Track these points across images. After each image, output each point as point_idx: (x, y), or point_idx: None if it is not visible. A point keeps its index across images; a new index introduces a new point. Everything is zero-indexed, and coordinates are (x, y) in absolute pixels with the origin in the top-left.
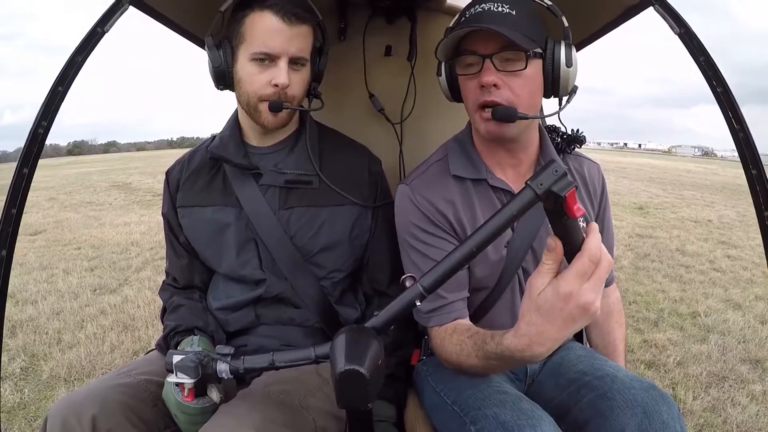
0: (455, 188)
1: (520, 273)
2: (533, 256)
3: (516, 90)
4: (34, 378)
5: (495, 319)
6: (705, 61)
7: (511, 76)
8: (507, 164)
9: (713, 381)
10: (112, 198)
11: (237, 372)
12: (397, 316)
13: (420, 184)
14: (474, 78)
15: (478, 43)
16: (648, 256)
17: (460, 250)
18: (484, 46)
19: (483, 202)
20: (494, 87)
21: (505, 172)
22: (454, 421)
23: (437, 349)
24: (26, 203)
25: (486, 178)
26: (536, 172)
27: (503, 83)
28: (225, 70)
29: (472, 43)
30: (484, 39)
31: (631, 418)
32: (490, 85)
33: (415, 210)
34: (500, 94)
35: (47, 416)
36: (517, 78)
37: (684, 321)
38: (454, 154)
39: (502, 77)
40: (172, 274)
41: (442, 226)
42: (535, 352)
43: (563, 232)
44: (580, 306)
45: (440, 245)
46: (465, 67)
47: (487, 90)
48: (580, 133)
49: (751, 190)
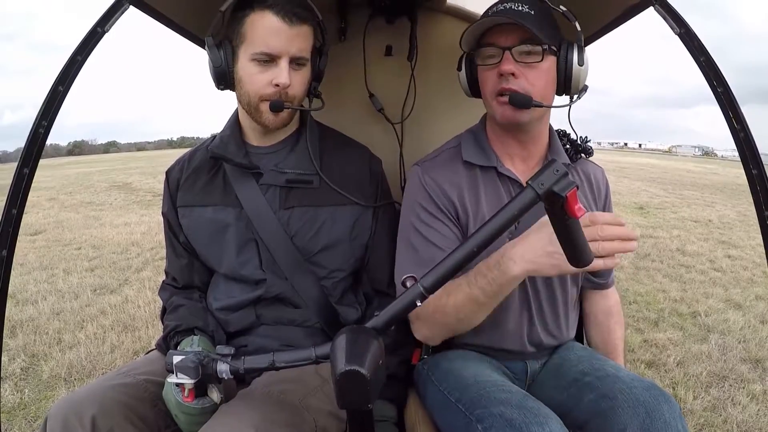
0: (463, 173)
1: None
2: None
3: (531, 80)
4: (35, 378)
5: (496, 315)
6: (705, 61)
7: (527, 67)
8: (517, 156)
9: (713, 381)
10: (113, 198)
11: (237, 372)
12: (398, 317)
13: (431, 165)
14: (493, 68)
15: (499, 36)
16: (648, 256)
17: (461, 250)
18: (505, 38)
19: (489, 189)
20: (512, 76)
21: (515, 163)
22: (459, 419)
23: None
24: (27, 203)
25: (495, 165)
26: (537, 171)
27: (520, 73)
28: (225, 69)
29: (493, 37)
30: (505, 33)
31: (633, 418)
32: (508, 73)
33: (422, 190)
34: (517, 82)
35: (47, 416)
36: (533, 70)
37: (684, 321)
38: (467, 142)
39: (519, 68)
40: (172, 274)
41: (445, 209)
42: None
43: (565, 232)
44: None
45: (441, 229)
46: (485, 59)
47: (505, 78)
48: (587, 143)
49: (752, 190)
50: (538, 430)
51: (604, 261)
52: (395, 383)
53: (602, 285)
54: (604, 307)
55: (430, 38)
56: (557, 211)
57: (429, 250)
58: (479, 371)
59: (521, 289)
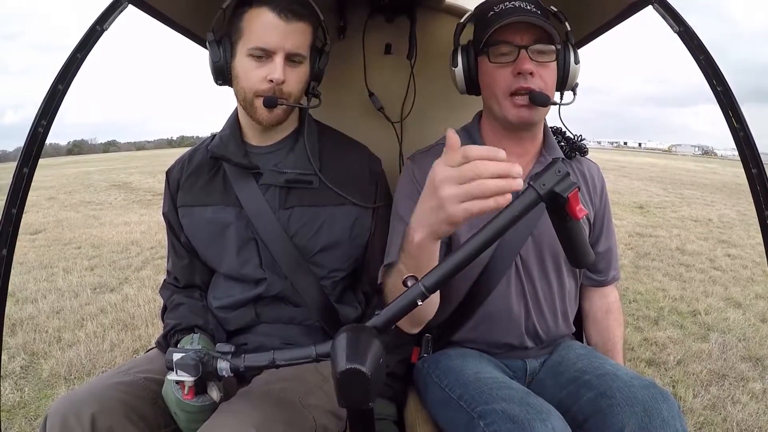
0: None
1: (518, 261)
2: (533, 244)
3: (545, 79)
4: (34, 377)
5: (492, 306)
6: (705, 60)
7: (541, 66)
8: (512, 153)
9: (713, 379)
10: (112, 197)
11: (237, 370)
12: (399, 316)
13: (422, 158)
14: (508, 66)
15: (514, 35)
16: (648, 255)
17: (462, 250)
18: (521, 37)
19: None
20: (530, 75)
21: (510, 160)
22: (460, 416)
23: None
24: (26, 202)
25: None
26: (539, 172)
27: (536, 72)
28: (224, 65)
29: (505, 35)
30: (520, 31)
31: (631, 416)
32: (527, 72)
33: (411, 182)
34: (534, 81)
35: (47, 415)
36: (546, 69)
37: (684, 319)
38: (461, 139)
39: (535, 67)
40: (174, 274)
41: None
42: (414, 235)
43: (565, 232)
44: (440, 197)
45: None
46: (498, 56)
47: (523, 77)
48: (581, 141)
49: (752, 189)
50: (540, 426)
51: (480, 204)
52: (395, 382)
53: (601, 282)
54: (603, 305)
55: (430, 37)
56: (559, 212)
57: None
58: (480, 368)
59: (519, 277)
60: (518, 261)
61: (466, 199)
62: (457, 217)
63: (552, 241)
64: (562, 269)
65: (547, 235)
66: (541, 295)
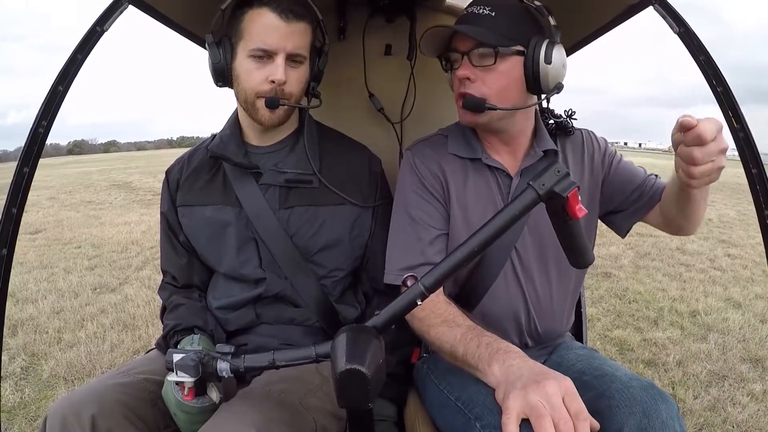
0: (451, 158)
1: (514, 255)
2: (530, 237)
3: (488, 83)
4: (35, 377)
5: (490, 305)
6: (705, 61)
7: (484, 70)
8: (502, 150)
9: (713, 380)
10: (113, 197)
11: (237, 371)
12: (399, 316)
13: (420, 147)
14: (455, 72)
15: (459, 42)
16: (648, 255)
17: (462, 250)
18: (462, 44)
19: (476, 177)
20: (468, 80)
21: (501, 156)
22: (458, 418)
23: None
24: (27, 202)
25: (481, 157)
26: (538, 172)
27: (477, 77)
28: (224, 66)
29: (456, 42)
30: (463, 38)
31: (630, 417)
32: (464, 78)
33: (412, 172)
34: (473, 86)
35: (47, 415)
36: (490, 73)
37: (684, 320)
38: (453, 135)
39: (476, 72)
40: (171, 273)
41: (432, 189)
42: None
43: (565, 232)
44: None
45: (429, 211)
46: (450, 64)
47: (462, 83)
48: (572, 116)
49: (752, 189)
50: None
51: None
52: (395, 382)
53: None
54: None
55: None
56: (558, 211)
57: (417, 231)
58: None
59: (515, 273)
60: (515, 257)
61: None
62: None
63: (553, 238)
64: (563, 266)
65: (547, 232)
66: (540, 292)
